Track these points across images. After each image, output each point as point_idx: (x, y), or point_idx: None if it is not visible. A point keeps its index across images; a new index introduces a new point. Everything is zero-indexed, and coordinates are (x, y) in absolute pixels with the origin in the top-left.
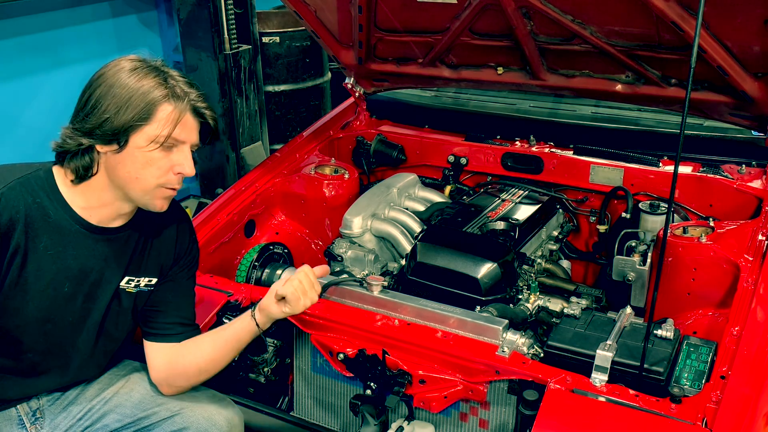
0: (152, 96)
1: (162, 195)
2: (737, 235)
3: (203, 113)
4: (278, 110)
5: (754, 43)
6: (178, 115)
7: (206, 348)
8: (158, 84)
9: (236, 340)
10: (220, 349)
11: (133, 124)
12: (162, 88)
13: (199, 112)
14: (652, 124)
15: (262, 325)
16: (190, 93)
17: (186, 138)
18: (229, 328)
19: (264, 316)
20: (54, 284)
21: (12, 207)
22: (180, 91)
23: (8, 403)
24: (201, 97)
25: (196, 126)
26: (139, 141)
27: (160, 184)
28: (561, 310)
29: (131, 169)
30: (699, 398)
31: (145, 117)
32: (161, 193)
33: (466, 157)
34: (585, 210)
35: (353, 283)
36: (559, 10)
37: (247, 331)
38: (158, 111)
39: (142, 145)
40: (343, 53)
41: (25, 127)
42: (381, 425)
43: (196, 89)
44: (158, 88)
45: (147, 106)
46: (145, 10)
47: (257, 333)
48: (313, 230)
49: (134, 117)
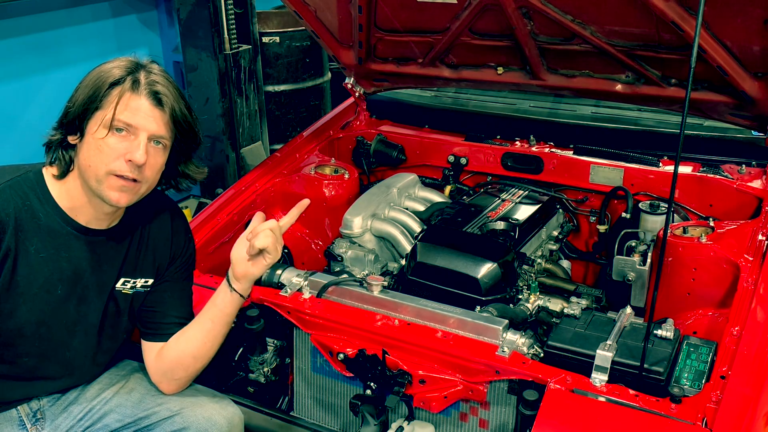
0: (104, 79)
1: (115, 185)
2: (737, 235)
3: (161, 99)
4: (278, 110)
5: (754, 43)
6: (127, 98)
7: (195, 333)
8: (122, 72)
9: (222, 316)
10: (209, 330)
11: (88, 108)
12: (120, 73)
13: (159, 100)
14: (652, 124)
15: (244, 292)
16: (156, 82)
17: (140, 124)
18: (213, 308)
19: (245, 281)
20: (47, 287)
21: (1, 210)
22: (142, 78)
23: (9, 404)
24: (166, 87)
25: (158, 115)
26: (92, 127)
27: (110, 170)
28: (561, 310)
29: (87, 157)
30: (699, 398)
31: (94, 101)
32: (113, 183)
33: (466, 157)
34: (585, 210)
35: (353, 283)
36: (559, 10)
37: (231, 304)
38: (109, 95)
39: (94, 131)
40: (343, 53)
41: (25, 127)
42: (381, 425)
43: (166, 80)
44: (116, 75)
45: (96, 90)
46: (145, 10)
47: (242, 302)
48: (313, 230)
49: (85, 102)
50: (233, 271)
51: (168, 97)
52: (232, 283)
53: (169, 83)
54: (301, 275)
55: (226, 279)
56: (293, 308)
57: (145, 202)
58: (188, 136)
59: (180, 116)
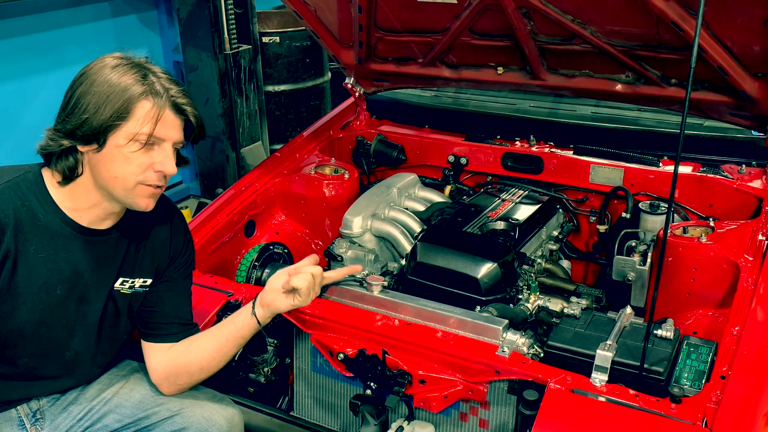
0: (130, 93)
1: (144, 193)
2: (737, 235)
3: (184, 110)
4: (278, 110)
5: (754, 43)
6: (157, 113)
7: (208, 346)
8: (137, 80)
9: (237, 337)
10: (221, 346)
11: (112, 123)
12: (141, 84)
13: (180, 109)
14: (652, 124)
15: (263, 320)
16: (171, 89)
17: (166, 135)
18: (230, 325)
19: (267, 311)
20: (46, 287)
21: (0, 211)
22: (160, 88)
23: (8, 404)
24: (182, 94)
25: (179, 123)
26: (119, 140)
27: (140, 181)
28: (561, 310)
29: (111, 168)
30: (699, 398)
31: (123, 115)
32: (143, 191)
33: (466, 157)
34: (585, 210)
35: (353, 283)
36: (559, 10)
37: (247, 327)
38: (136, 109)
39: (122, 144)
40: (343, 53)
41: (25, 127)
42: (381, 425)
43: (178, 85)
44: (137, 85)
45: (125, 104)
46: (145, 10)
47: (258, 329)
48: (313, 230)
49: (112, 116)
50: (261, 296)
51: (189, 107)
52: (256, 308)
53: (180, 87)
54: None
55: (253, 301)
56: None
57: None
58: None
59: (198, 122)
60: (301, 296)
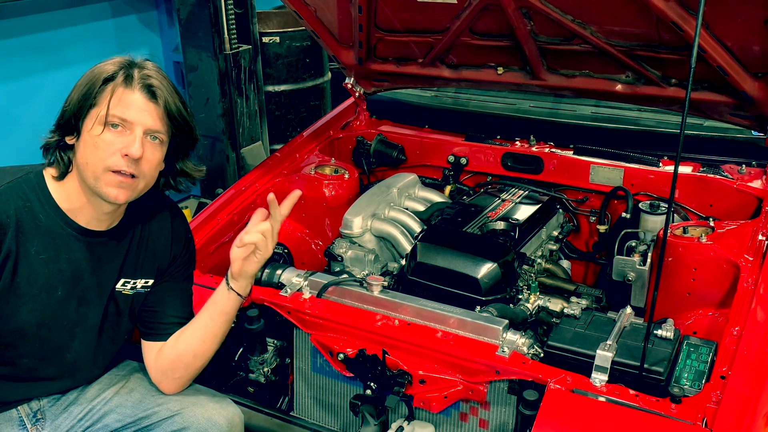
0: (97, 77)
1: (112, 181)
2: (737, 235)
3: (154, 92)
4: (278, 110)
5: (754, 43)
6: (121, 92)
7: (195, 331)
8: (113, 69)
9: (221, 314)
10: (208, 328)
11: (82, 107)
12: (113, 69)
13: (151, 92)
14: (652, 124)
15: (243, 290)
16: (149, 77)
17: (134, 119)
18: (211, 306)
19: (242, 280)
20: (47, 288)
21: (2, 211)
22: (135, 74)
23: (9, 404)
24: (160, 82)
25: (152, 109)
26: (89, 124)
27: (107, 166)
28: (561, 310)
29: (84, 155)
30: (699, 398)
31: (89, 100)
32: (111, 179)
33: (466, 157)
34: (585, 210)
35: (353, 283)
36: (559, 10)
37: (229, 302)
38: (104, 92)
39: (90, 128)
40: (343, 53)
41: (25, 127)
42: (381, 425)
43: (160, 75)
44: (108, 71)
45: (90, 87)
46: (145, 10)
47: (240, 301)
48: (313, 230)
49: (80, 100)
50: (231, 269)
51: (161, 90)
52: (230, 282)
53: (163, 77)
54: (301, 275)
55: (225, 278)
56: (293, 308)
57: (145, 202)
58: (184, 131)
59: (174, 110)
60: (261, 249)
